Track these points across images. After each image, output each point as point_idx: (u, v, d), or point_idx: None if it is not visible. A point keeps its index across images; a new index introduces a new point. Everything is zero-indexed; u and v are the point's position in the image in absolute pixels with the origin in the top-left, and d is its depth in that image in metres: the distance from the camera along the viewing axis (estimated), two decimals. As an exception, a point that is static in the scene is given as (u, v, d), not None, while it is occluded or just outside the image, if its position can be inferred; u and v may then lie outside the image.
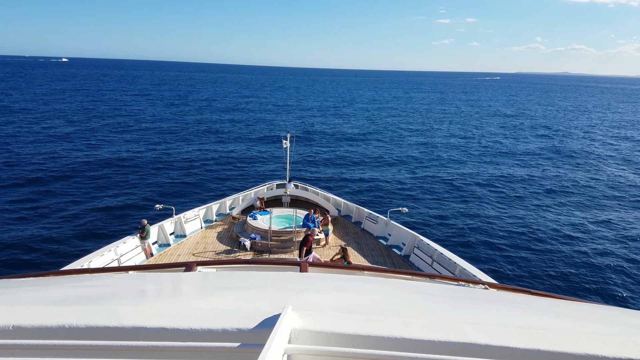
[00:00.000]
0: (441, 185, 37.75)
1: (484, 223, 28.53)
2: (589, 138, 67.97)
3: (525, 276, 21.67)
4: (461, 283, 4.19)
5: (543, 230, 27.64)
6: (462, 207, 31.85)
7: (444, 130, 72.01)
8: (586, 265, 23.17)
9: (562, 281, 21.37)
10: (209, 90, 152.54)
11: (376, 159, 47.79)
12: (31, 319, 1.91)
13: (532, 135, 69.52)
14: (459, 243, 25.17)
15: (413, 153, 52.00)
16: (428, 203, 32.70)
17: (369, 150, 52.74)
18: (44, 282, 3.38)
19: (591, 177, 42.26)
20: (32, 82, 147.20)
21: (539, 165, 47.00)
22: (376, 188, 36.43)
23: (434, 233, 26.08)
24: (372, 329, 1.83)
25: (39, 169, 36.94)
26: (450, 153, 52.47)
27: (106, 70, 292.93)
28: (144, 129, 60.86)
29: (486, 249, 24.71)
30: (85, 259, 13.50)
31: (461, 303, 2.95)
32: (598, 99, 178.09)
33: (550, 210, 31.69)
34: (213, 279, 3.33)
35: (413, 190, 36.12)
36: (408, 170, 43.19)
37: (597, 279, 21.69)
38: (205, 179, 37.09)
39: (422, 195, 34.65)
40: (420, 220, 28.66)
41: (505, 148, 56.93)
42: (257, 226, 18.13)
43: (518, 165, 46.72)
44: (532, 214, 30.58)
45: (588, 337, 1.84)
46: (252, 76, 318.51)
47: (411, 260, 16.35)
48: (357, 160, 46.92)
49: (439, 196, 34.47)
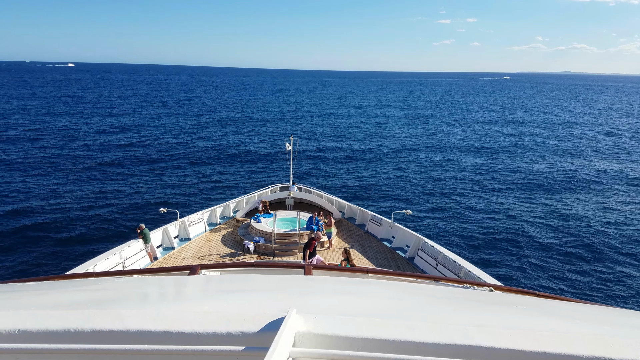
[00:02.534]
0: (445, 187, 37.66)
1: (489, 225, 28.43)
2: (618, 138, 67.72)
3: (531, 278, 21.57)
4: (466, 285, 4.18)
5: (549, 232, 27.51)
6: (466, 209, 31.76)
7: (449, 133, 71.90)
8: (593, 267, 23.04)
9: (568, 283, 21.26)
10: (211, 93, 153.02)
11: (380, 162, 47.77)
12: (36, 322, 1.91)
13: (546, 136, 69.32)
14: (464, 245, 25.09)
15: (417, 156, 51.94)
16: (432, 205, 32.63)
17: (373, 153, 52.72)
18: (48, 286, 3.40)
19: (607, 179, 42.06)
20: (42, 86, 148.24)
21: (549, 168, 46.84)
22: (380, 190, 36.40)
23: (438, 235, 26.01)
24: (376, 331, 1.83)
25: (42, 174, 37.14)
26: (456, 156, 52.37)
27: (109, 75, 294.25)
28: (147, 134, 61.10)
29: (491, 251, 24.62)
30: (90, 263, 13.52)
31: (466, 305, 2.94)
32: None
33: (556, 212, 31.54)
34: (217, 282, 3.33)
35: (417, 192, 36.06)
36: (412, 172, 43.12)
37: (604, 281, 21.55)
38: (209, 183, 37.17)
39: (427, 198, 34.59)
40: (425, 223, 28.61)
41: (515, 150, 56.76)
42: (261, 229, 18.12)
43: (524, 168, 46.57)
44: (538, 217, 30.45)
45: (594, 340, 1.83)
46: (254, 79, 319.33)
47: (415, 263, 16.29)
48: (360, 163, 46.91)
49: (444, 199, 34.39)
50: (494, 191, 36.56)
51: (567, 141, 64.42)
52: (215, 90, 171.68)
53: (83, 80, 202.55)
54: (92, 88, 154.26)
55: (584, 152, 55.40)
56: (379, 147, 57.00)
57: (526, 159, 50.66)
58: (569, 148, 58.37)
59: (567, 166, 46.88)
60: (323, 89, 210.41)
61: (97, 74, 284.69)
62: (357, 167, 44.95)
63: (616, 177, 42.49)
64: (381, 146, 57.46)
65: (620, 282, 21.42)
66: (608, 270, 22.60)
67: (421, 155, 52.01)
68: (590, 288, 20.82)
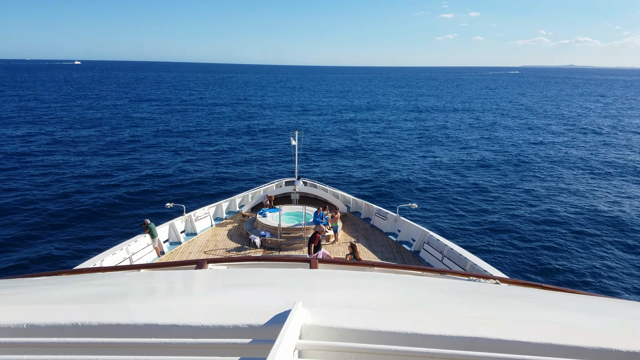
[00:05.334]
0: (451, 181, 37.53)
1: (495, 218, 28.33)
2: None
3: (537, 270, 21.50)
4: (472, 278, 4.17)
5: (556, 224, 27.37)
6: (472, 202, 31.64)
7: (457, 126, 71.60)
8: (599, 259, 22.91)
9: (575, 275, 21.17)
10: (215, 90, 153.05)
11: (386, 155, 47.65)
12: (45, 317, 1.93)
13: (552, 131, 68.86)
14: (470, 238, 25.03)
15: (423, 149, 51.77)
16: (438, 199, 32.54)
17: (378, 147, 52.60)
18: (57, 281, 3.42)
19: (616, 174, 41.77)
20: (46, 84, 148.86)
21: (555, 161, 46.55)
22: (385, 184, 36.33)
23: (444, 229, 25.96)
24: (382, 324, 1.83)
25: (50, 172, 37.37)
26: (462, 149, 52.16)
27: (115, 72, 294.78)
28: (154, 129, 61.30)
29: (497, 243, 24.53)
30: (97, 258, 13.63)
31: (472, 298, 2.94)
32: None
33: (563, 204, 31.36)
34: (224, 276, 3.35)
35: (423, 186, 35.96)
36: (418, 166, 43.00)
37: (610, 273, 21.44)
38: (214, 177, 37.26)
39: (432, 191, 34.49)
40: (430, 216, 28.55)
41: (520, 145, 56.43)
42: (266, 224, 18.17)
43: (530, 160, 46.30)
44: (544, 209, 30.29)
45: (601, 331, 1.82)
46: (259, 75, 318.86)
47: (421, 256, 16.29)
48: (366, 157, 46.81)
49: (449, 192, 34.28)
50: (501, 185, 36.38)
51: (580, 138, 63.98)
52: (219, 87, 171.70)
53: (85, 78, 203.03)
54: (95, 85, 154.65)
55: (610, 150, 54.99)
56: (384, 141, 56.87)
57: (537, 152, 50.37)
58: (590, 146, 57.97)
59: (586, 161, 46.59)
60: (327, 85, 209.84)
61: (103, 72, 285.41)
62: (363, 161, 44.86)
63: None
64: (386, 140, 57.32)
65: (628, 274, 21.30)
66: (616, 263, 22.47)
67: (427, 149, 51.82)
68: (596, 280, 20.73)
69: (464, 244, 22.31)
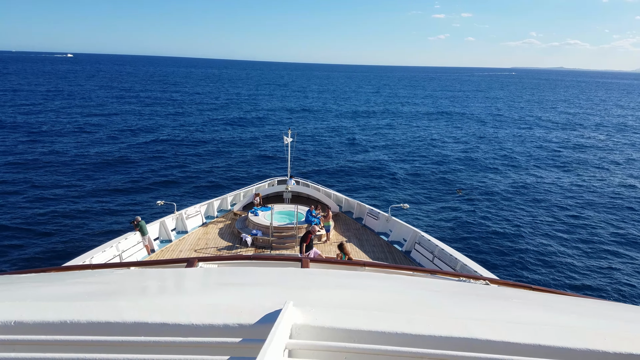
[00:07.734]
0: (442, 181, 37.72)
1: (485, 219, 28.53)
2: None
3: (526, 271, 21.68)
4: (462, 279, 4.19)
5: (544, 226, 27.63)
6: (463, 203, 31.84)
7: (448, 128, 71.91)
8: (586, 261, 23.16)
9: (563, 277, 21.38)
10: (207, 86, 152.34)
11: (378, 156, 47.76)
12: (33, 314, 1.91)
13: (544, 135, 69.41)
14: (460, 239, 25.18)
15: (415, 150, 51.95)
16: (429, 199, 32.70)
17: (370, 147, 52.70)
18: (45, 278, 3.39)
19: (603, 175, 42.21)
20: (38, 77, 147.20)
21: (544, 164, 46.94)
22: (377, 184, 36.43)
23: (434, 229, 26.08)
24: (373, 324, 1.83)
25: (40, 167, 37.00)
26: (453, 150, 52.41)
27: (106, 66, 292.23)
28: (144, 126, 60.84)
29: (487, 244, 24.71)
30: (87, 255, 13.51)
31: (462, 299, 2.95)
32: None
33: (553, 206, 31.65)
34: (214, 275, 3.33)
35: (414, 186, 36.12)
36: (410, 167, 43.16)
37: (598, 275, 21.69)
38: (206, 176, 37.10)
39: (424, 192, 34.65)
40: (421, 217, 28.67)
41: (510, 147, 56.83)
42: (258, 222, 18.13)
43: (522, 162, 46.66)
44: (533, 210, 30.55)
45: (589, 333, 1.84)
46: (250, 72, 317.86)
47: (412, 256, 16.35)
48: (358, 157, 46.90)
49: (440, 192, 34.46)
50: (491, 186, 36.63)
51: (567, 139, 64.55)
52: (212, 83, 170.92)
53: (78, 72, 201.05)
54: (85, 80, 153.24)
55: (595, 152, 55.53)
56: (378, 141, 56.99)
57: (526, 152, 50.75)
58: (578, 147, 58.51)
59: (575, 161, 47.02)
60: (319, 83, 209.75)
61: (93, 65, 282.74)
62: (355, 161, 44.93)
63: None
64: (380, 140, 57.44)
65: (615, 277, 21.55)
66: (603, 265, 22.74)
67: (419, 149, 52.03)
68: (584, 282, 20.95)
69: (455, 244, 22.44)
